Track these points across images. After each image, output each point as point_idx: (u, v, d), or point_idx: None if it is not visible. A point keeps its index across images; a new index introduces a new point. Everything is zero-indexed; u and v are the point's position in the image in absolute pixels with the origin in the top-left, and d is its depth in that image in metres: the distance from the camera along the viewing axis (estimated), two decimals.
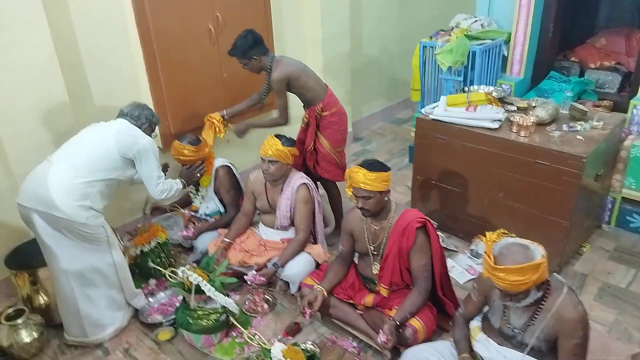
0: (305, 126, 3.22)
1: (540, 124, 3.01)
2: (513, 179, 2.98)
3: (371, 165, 2.34)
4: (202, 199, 3.36)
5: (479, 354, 2.08)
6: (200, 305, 2.58)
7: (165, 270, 2.64)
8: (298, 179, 2.93)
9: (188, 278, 2.48)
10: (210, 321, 2.54)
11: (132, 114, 2.71)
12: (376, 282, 2.55)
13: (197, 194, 3.38)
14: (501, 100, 3.28)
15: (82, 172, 2.44)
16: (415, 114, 4.30)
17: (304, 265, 2.83)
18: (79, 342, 2.66)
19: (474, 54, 3.89)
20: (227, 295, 2.60)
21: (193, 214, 3.41)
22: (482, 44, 3.95)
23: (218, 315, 2.57)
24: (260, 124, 3.40)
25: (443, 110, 3.23)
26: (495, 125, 3.03)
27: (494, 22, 4.26)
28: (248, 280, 2.77)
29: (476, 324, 2.15)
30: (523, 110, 3.18)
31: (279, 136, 2.85)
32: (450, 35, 4.04)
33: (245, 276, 2.80)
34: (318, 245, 3.02)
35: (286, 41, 4.21)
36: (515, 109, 3.23)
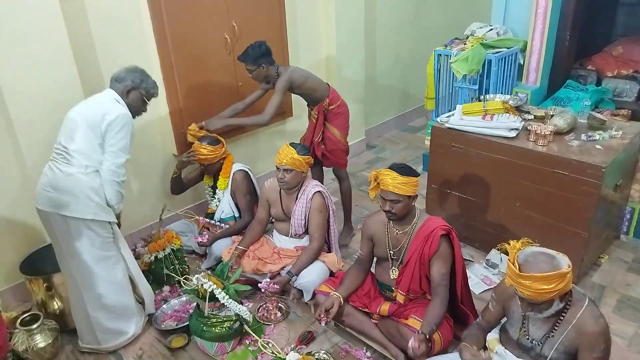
0: (315, 121, 3.41)
1: (558, 133, 2.98)
2: (530, 189, 2.95)
3: (402, 169, 2.33)
4: (219, 202, 3.38)
5: None
6: (213, 312, 2.57)
7: (179, 277, 2.64)
8: (313, 187, 2.93)
9: (202, 285, 2.48)
10: (224, 329, 2.54)
11: (119, 76, 2.51)
12: (393, 289, 2.52)
13: (214, 197, 3.39)
14: (518, 109, 3.26)
15: (79, 162, 2.35)
16: (430, 122, 4.30)
17: (318, 274, 2.82)
18: (92, 349, 2.66)
19: (490, 62, 3.87)
20: (241, 303, 2.60)
21: (208, 220, 3.42)
22: (498, 52, 3.93)
23: (231, 322, 2.56)
24: (239, 122, 3.44)
25: (459, 119, 3.21)
26: (513, 134, 3.01)
27: (509, 31, 4.24)
28: (262, 288, 2.77)
29: (494, 335, 2.12)
30: (540, 119, 3.14)
31: (294, 145, 2.86)
32: (465, 44, 4.03)
33: (259, 284, 2.80)
34: (332, 253, 3.01)
35: (301, 50, 4.24)
36: (532, 117, 3.20)
